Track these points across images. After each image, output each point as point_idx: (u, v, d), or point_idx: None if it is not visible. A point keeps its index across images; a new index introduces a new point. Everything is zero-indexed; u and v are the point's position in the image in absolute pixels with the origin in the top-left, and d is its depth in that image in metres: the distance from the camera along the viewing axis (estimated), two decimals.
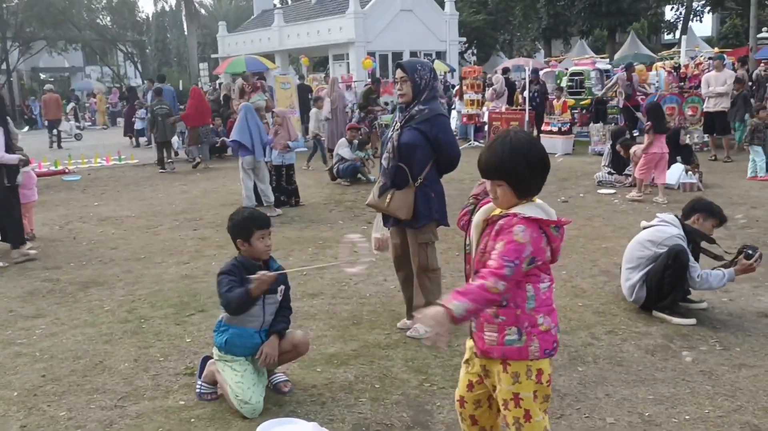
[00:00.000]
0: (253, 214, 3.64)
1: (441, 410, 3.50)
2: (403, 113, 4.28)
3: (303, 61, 24.27)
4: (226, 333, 3.59)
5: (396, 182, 4.28)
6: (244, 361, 3.60)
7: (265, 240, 3.57)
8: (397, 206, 4.25)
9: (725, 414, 3.38)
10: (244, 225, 3.55)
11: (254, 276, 3.40)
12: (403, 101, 4.28)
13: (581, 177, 11.09)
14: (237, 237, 3.59)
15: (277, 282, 3.59)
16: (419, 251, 4.37)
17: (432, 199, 4.33)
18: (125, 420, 3.46)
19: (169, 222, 8.56)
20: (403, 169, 4.25)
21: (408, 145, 4.22)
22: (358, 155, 11.34)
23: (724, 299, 5.11)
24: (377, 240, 4.67)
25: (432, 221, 4.37)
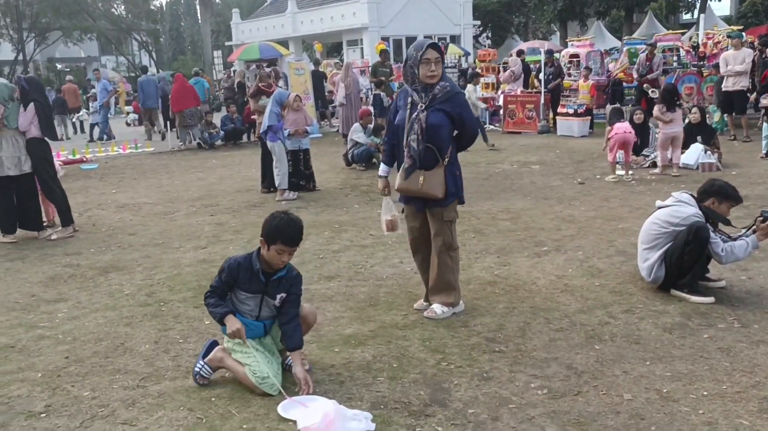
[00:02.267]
0: (287, 227, 3.51)
1: (458, 388, 3.52)
2: (426, 94, 4.25)
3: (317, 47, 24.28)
4: None
5: (424, 163, 4.27)
6: (254, 342, 3.63)
7: (282, 256, 3.54)
8: (431, 186, 4.25)
9: (743, 390, 3.38)
10: (273, 232, 3.51)
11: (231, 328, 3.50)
12: (434, 82, 4.24)
13: (597, 158, 11.01)
14: (262, 235, 3.56)
15: (277, 288, 3.62)
16: (443, 229, 4.39)
17: (457, 177, 4.38)
18: (147, 399, 3.51)
19: (185, 209, 8.63)
20: (431, 149, 4.25)
21: (435, 126, 4.22)
22: (373, 140, 11.33)
23: (742, 277, 5.08)
24: (388, 223, 4.70)
25: (456, 198, 4.39)
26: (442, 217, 4.37)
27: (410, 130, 4.25)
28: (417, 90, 4.26)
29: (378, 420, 3.20)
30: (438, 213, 4.36)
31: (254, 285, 3.60)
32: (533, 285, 5.07)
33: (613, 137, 9.19)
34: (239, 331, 3.52)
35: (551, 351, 3.93)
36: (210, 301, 3.61)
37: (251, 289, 3.60)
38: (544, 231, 6.65)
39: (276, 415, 3.28)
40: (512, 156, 11.93)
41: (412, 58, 4.22)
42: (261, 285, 3.60)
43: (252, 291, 3.60)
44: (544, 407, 3.30)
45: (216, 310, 3.57)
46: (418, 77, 4.21)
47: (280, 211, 3.65)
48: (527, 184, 9.30)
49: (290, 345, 3.61)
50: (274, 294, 3.62)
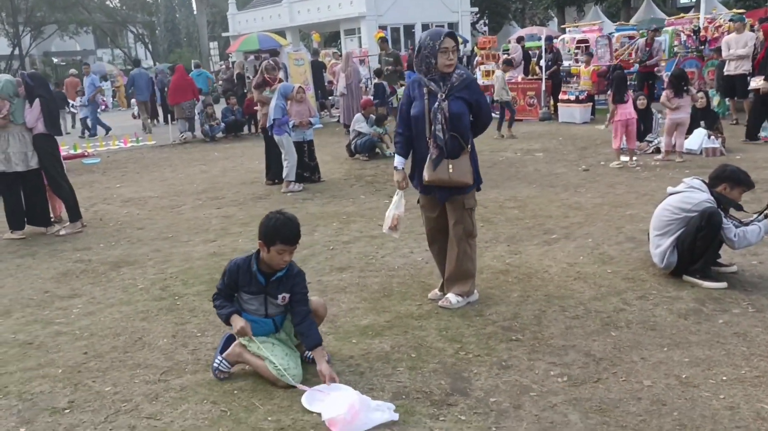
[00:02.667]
0: (284, 227, 3.49)
1: (478, 377, 3.55)
2: (444, 83, 4.24)
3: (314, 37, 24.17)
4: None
5: (450, 152, 4.27)
6: (269, 337, 3.66)
7: (283, 256, 3.52)
8: (461, 174, 4.25)
9: (762, 374, 3.40)
10: (270, 233, 3.49)
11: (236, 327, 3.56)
12: (450, 71, 4.24)
13: (601, 145, 11.02)
14: (260, 239, 3.55)
15: (277, 288, 3.62)
16: (464, 217, 4.40)
17: (477, 164, 4.40)
18: (170, 393, 3.54)
19: (191, 202, 8.63)
20: (455, 138, 4.25)
21: (458, 115, 4.22)
22: (376, 131, 11.32)
23: (753, 262, 5.10)
24: (396, 218, 4.63)
25: (476, 185, 4.42)
26: (463, 205, 4.38)
27: (434, 119, 4.24)
28: (434, 79, 4.24)
29: (401, 410, 3.23)
30: (459, 201, 4.37)
31: (254, 286, 3.61)
32: (545, 273, 5.09)
33: (616, 122, 9.20)
34: (244, 328, 3.55)
35: (568, 338, 3.96)
36: (216, 303, 3.67)
37: (252, 291, 3.61)
38: (552, 219, 6.67)
39: (300, 407, 3.31)
40: (515, 144, 11.93)
41: (428, 48, 4.19)
42: (261, 287, 3.60)
43: (253, 293, 3.62)
44: (565, 394, 3.33)
45: (222, 311, 3.62)
46: (436, 66, 4.20)
47: (274, 211, 3.61)
48: (532, 171, 9.31)
49: (309, 344, 3.58)
50: (275, 294, 3.61)
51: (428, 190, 4.46)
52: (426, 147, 4.33)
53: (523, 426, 3.08)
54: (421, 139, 4.37)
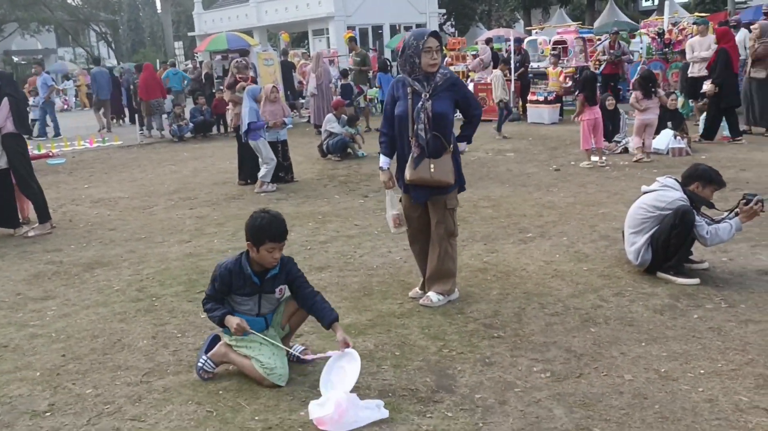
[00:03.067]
0: (271, 225, 3.48)
1: (463, 374, 3.58)
2: (429, 82, 4.26)
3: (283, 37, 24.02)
4: None
5: (432, 151, 4.29)
6: (256, 335, 3.63)
7: (273, 254, 3.51)
8: (442, 173, 4.28)
9: (738, 367, 3.50)
10: (258, 233, 3.48)
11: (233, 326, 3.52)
12: (434, 71, 4.26)
13: (570, 145, 11.18)
14: (248, 239, 3.53)
15: (275, 283, 3.64)
16: (446, 217, 4.42)
17: (459, 164, 4.42)
18: (153, 394, 3.50)
19: (164, 202, 8.52)
20: (438, 137, 4.28)
21: (441, 114, 4.25)
22: (348, 131, 11.32)
23: (723, 259, 5.23)
24: (395, 218, 4.65)
25: (458, 185, 4.45)
26: (445, 205, 4.40)
27: (417, 119, 4.26)
28: (418, 79, 4.27)
29: (388, 408, 3.24)
30: (441, 201, 4.40)
31: (249, 288, 3.60)
32: (523, 272, 5.16)
33: (584, 123, 9.34)
34: (241, 325, 3.53)
35: (549, 335, 4.02)
36: (207, 307, 3.62)
37: (247, 292, 3.60)
38: (527, 218, 6.75)
39: (287, 406, 3.31)
40: (486, 144, 12.03)
41: (412, 48, 4.21)
42: (257, 287, 3.60)
43: (248, 294, 3.61)
44: (549, 390, 3.38)
45: (215, 314, 3.58)
46: (420, 66, 4.22)
47: (258, 211, 3.60)
48: (504, 171, 9.41)
49: (327, 320, 3.60)
50: (272, 289, 3.64)
51: (408, 189, 4.47)
52: (409, 146, 4.35)
53: (509, 421, 3.12)
54: (404, 138, 4.39)
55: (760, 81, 10.93)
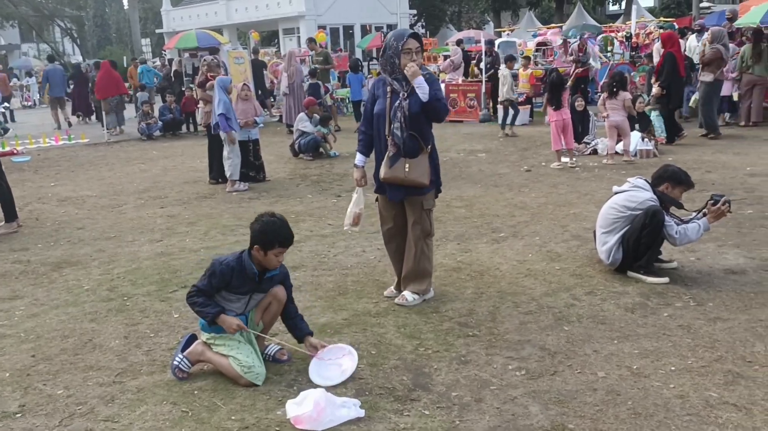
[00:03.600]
0: (282, 230, 3.54)
1: (439, 372, 3.60)
2: (407, 82, 4.26)
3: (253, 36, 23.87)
4: None
5: (408, 151, 4.30)
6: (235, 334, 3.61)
7: (279, 257, 3.59)
8: (417, 174, 4.28)
9: (708, 364, 3.58)
10: (269, 239, 3.51)
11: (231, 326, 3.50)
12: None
13: (541, 146, 11.30)
14: (256, 243, 3.54)
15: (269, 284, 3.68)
16: (423, 217, 4.44)
17: (437, 166, 4.44)
18: (126, 395, 3.45)
19: (133, 201, 8.41)
20: (415, 137, 4.29)
21: (419, 114, 4.26)
22: (320, 130, 11.29)
23: (691, 258, 5.34)
24: (356, 216, 4.68)
25: (435, 187, 4.45)
26: (422, 206, 4.42)
27: (393, 118, 4.27)
28: (398, 79, 4.28)
29: (365, 407, 3.24)
30: (417, 201, 4.41)
31: (247, 287, 3.59)
32: (497, 271, 5.20)
33: (553, 125, 9.44)
34: (240, 326, 3.53)
35: (523, 333, 4.06)
36: (198, 301, 3.54)
37: (243, 291, 3.58)
38: (499, 218, 6.81)
39: (263, 405, 3.29)
40: (457, 144, 12.10)
41: (392, 48, 4.23)
42: (254, 286, 3.59)
43: (243, 293, 3.59)
44: (524, 387, 3.42)
45: (206, 310, 3.51)
46: (399, 67, 4.24)
47: (266, 214, 3.63)
48: (476, 171, 9.47)
49: (302, 334, 3.75)
50: (266, 289, 3.66)
51: (384, 189, 4.48)
52: (385, 145, 4.36)
53: (485, 419, 3.15)
54: (380, 137, 4.40)
55: (707, 85, 11.28)
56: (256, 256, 3.57)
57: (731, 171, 8.58)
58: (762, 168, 8.66)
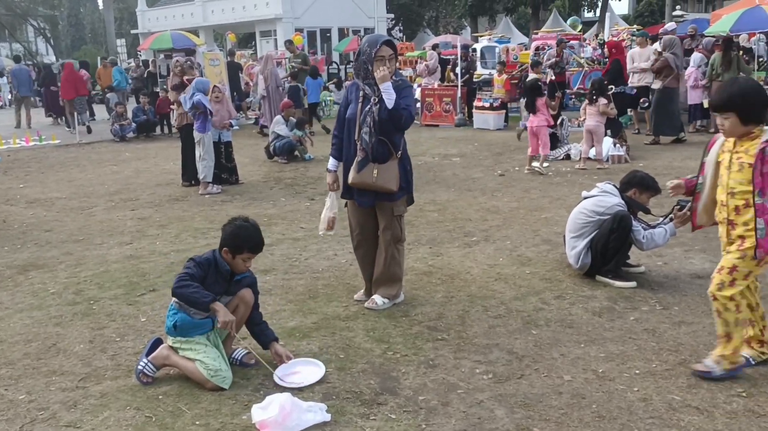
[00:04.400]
0: (252, 237, 3.56)
1: (407, 376, 3.60)
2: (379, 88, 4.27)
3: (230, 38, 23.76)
4: (175, 317, 3.55)
5: (377, 156, 4.29)
6: (201, 338, 3.58)
7: (248, 262, 3.61)
8: (385, 179, 4.27)
9: (672, 368, 3.62)
10: (238, 243, 3.52)
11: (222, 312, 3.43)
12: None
13: (515, 151, 11.38)
14: (226, 246, 3.54)
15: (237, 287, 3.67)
16: (393, 223, 4.44)
17: (408, 172, 4.44)
18: (89, 400, 3.40)
19: (104, 203, 8.31)
20: (385, 143, 4.28)
21: (388, 120, 4.24)
22: (296, 134, 11.24)
23: (659, 263, 5.41)
24: (330, 220, 4.66)
25: (406, 194, 4.47)
26: (392, 212, 4.42)
27: (363, 122, 4.26)
28: (369, 84, 4.27)
29: (332, 411, 3.23)
30: (388, 207, 4.41)
31: (219, 286, 3.57)
32: (468, 275, 5.22)
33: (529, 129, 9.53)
34: (232, 322, 3.47)
35: (491, 337, 4.08)
36: (191, 284, 3.42)
37: (216, 290, 3.54)
38: (471, 222, 6.83)
39: (229, 410, 3.26)
40: (432, 149, 12.14)
41: (365, 54, 4.22)
42: (225, 286, 3.57)
43: (216, 292, 3.54)
44: (491, 391, 3.43)
45: (202, 294, 3.40)
46: (372, 73, 4.23)
47: (238, 218, 3.64)
48: (450, 175, 9.51)
49: (267, 340, 3.74)
50: (234, 292, 3.64)
51: (354, 193, 4.46)
52: (351, 150, 4.37)
53: (451, 422, 3.16)
54: (351, 141, 4.39)
55: (658, 92, 11.58)
56: (225, 259, 3.55)
57: None
58: None
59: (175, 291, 3.48)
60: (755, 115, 3.23)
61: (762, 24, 12.43)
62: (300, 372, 3.62)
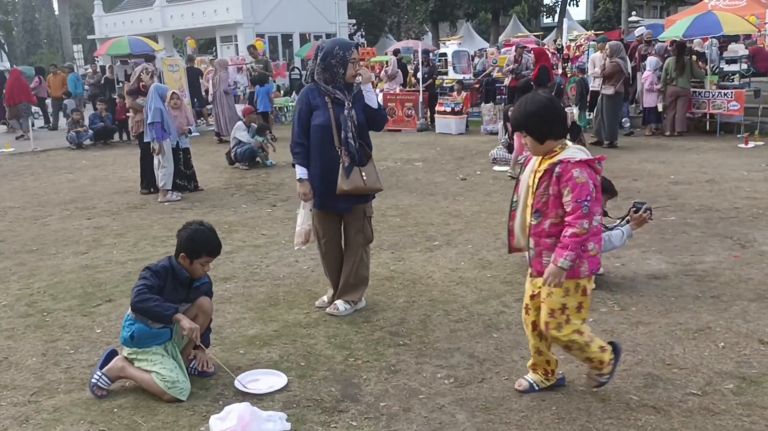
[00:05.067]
0: (209, 240, 3.53)
1: (368, 382, 3.58)
2: (349, 92, 4.26)
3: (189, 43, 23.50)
4: (132, 328, 3.47)
5: (359, 160, 4.30)
6: (158, 348, 3.51)
7: (206, 266, 3.56)
8: (373, 180, 4.31)
9: (629, 368, 3.67)
10: (195, 247, 3.48)
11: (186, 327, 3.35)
12: (355, 81, 4.29)
13: (476, 155, 11.46)
14: (182, 251, 3.49)
15: (198, 293, 3.63)
16: (365, 225, 4.46)
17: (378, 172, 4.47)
18: (42, 414, 3.30)
19: (58, 212, 8.12)
20: (362, 145, 4.31)
21: (363, 123, 4.29)
22: (257, 140, 11.14)
23: (616, 264, 5.49)
24: (306, 233, 4.49)
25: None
26: (364, 213, 4.43)
27: (345, 127, 4.21)
28: (340, 88, 4.25)
29: (292, 419, 3.20)
30: (361, 209, 4.41)
31: (178, 294, 3.51)
32: (429, 279, 5.22)
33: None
34: (196, 330, 3.40)
35: (453, 341, 4.08)
36: (152, 297, 3.34)
37: (175, 298, 3.49)
38: (434, 226, 6.85)
39: (186, 421, 3.20)
40: (395, 153, 12.16)
41: (338, 57, 4.18)
42: (185, 293, 3.51)
43: (175, 301, 3.49)
44: (452, 395, 3.43)
45: (164, 306, 3.33)
46: (343, 76, 4.22)
47: (193, 222, 3.61)
48: (412, 180, 9.53)
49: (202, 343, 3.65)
50: (194, 299, 3.59)
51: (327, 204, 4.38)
52: (327, 158, 4.26)
53: (413, 428, 3.15)
54: (323, 149, 4.26)
55: (609, 97, 11.80)
56: (184, 266, 3.50)
57: (656, 179, 8.88)
58: (685, 176, 9.00)
59: (135, 306, 3.40)
60: (548, 132, 3.08)
61: (714, 29, 12.76)
62: (261, 380, 3.57)
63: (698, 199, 7.66)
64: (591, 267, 3.13)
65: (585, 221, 2.97)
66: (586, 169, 3.00)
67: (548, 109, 3.10)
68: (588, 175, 2.99)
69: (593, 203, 3.00)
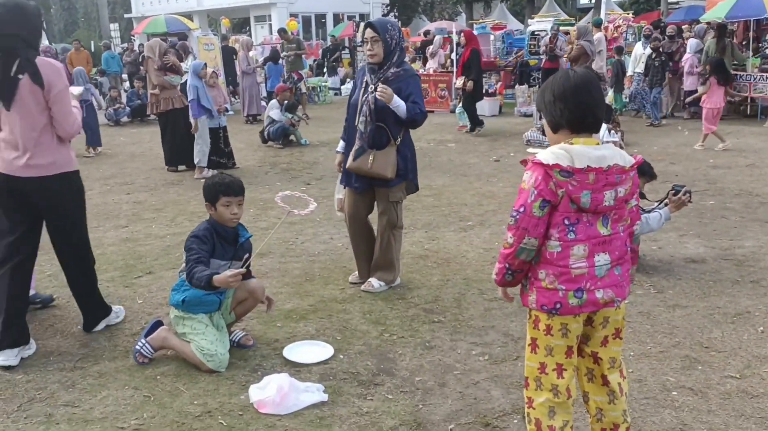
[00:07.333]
0: (223, 180, 3.60)
1: (403, 357, 3.62)
2: (375, 74, 4.26)
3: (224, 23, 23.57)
4: (185, 293, 3.55)
5: (375, 143, 4.28)
6: (204, 317, 3.58)
7: (231, 208, 3.54)
8: (380, 166, 4.26)
9: (666, 350, 3.66)
10: (211, 190, 3.55)
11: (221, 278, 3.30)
12: (373, 62, 4.25)
13: (510, 137, 11.39)
14: (206, 201, 3.58)
15: (243, 250, 3.66)
16: (389, 209, 4.44)
17: (408, 159, 4.42)
18: (87, 380, 3.41)
19: (99, 187, 8.29)
20: (383, 129, 4.27)
21: (385, 107, 4.20)
22: (287, 117, 11.18)
23: (653, 247, 5.44)
24: (340, 201, 4.70)
25: (405, 180, 4.45)
26: (387, 198, 4.42)
27: (360, 111, 4.25)
28: (373, 70, 4.28)
29: (329, 391, 3.26)
30: (384, 193, 4.42)
31: (226, 252, 3.58)
32: (463, 258, 5.24)
33: None
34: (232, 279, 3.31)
35: (487, 319, 4.10)
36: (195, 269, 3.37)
37: (225, 256, 3.57)
38: (467, 207, 6.85)
39: (227, 390, 3.28)
40: (428, 134, 12.11)
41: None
42: (232, 250, 3.58)
43: (226, 258, 3.57)
44: (487, 372, 3.46)
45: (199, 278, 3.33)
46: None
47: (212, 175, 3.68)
48: (445, 161, 9.51)
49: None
50: (241, 256, 3.63)
51: (351, 179, 4.46)
52: (351, 136, 4.39)
53: (448, 402, 3.18)
54: (350, 128, 4.42)
55: None
56: (213, 217, 3.57)
57: (695, 163, 8.74)
58: (724, 160, 8.84)
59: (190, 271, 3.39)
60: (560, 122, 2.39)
61: (757, 11, 12.44)
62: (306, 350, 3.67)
63: (738, 183, 7.53)
64: (541, 301, 2.41)
65: (509, 233, 2.34)
66: (539, 173, 2.28)
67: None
68: (536, 182, 2.28)
69: (526, 217, 2.28)
